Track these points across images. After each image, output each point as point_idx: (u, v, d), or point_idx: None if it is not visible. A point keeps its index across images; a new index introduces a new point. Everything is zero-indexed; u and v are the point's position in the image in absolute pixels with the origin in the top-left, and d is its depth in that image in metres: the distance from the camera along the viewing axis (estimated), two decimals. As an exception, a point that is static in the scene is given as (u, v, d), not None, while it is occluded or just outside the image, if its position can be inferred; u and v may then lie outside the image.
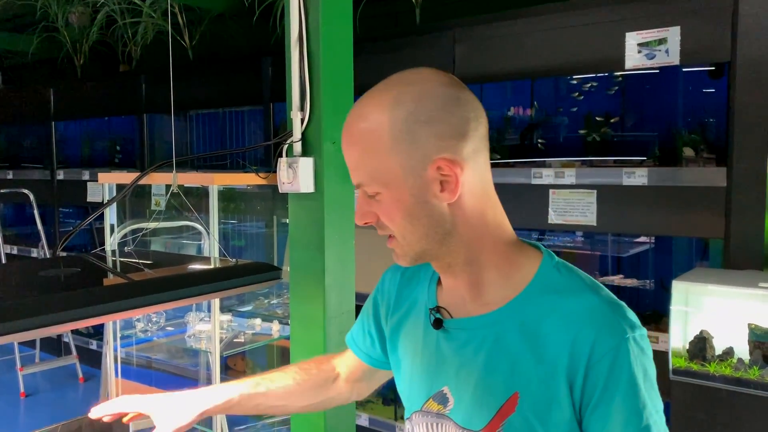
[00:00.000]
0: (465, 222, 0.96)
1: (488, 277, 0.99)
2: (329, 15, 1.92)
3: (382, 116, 0.92)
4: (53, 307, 1.11)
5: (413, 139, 0.91)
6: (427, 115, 0.91)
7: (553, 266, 0.98)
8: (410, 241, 0.96)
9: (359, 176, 0.96)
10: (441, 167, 0.92)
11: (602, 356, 0.88)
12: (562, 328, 0.91)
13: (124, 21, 4.78)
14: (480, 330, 0.98)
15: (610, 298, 0.94)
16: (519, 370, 0.93)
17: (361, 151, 0.94)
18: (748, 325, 2.00)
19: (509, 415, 0.93)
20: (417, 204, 0.93)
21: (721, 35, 2.46)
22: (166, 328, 3.16)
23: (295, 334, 2.05)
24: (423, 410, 1.05)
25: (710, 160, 2.72)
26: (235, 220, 3.93)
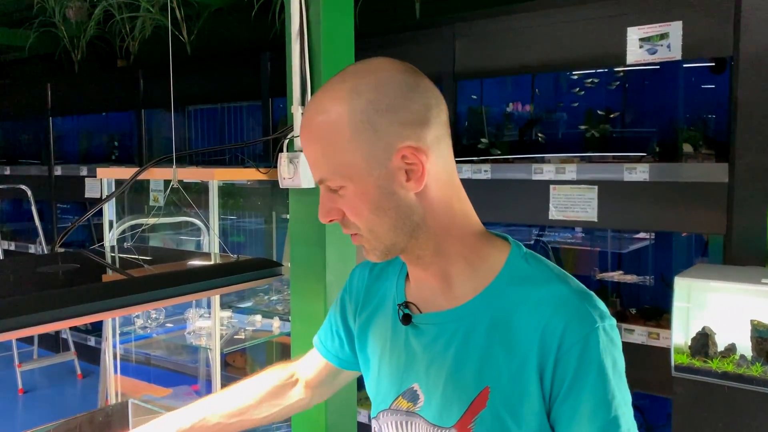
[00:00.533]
0: (432, 211, 0.94)
1: (456, 269, 0.97)
2: (330, 9, 1.91)
3: (340, 108, 0.90)
4: (52, 304, 1.10)
5: (375, 129, 0.89)
6: (386, 103, 0.90)
7: (521, 257, 0.96)
8: (378, 234, 0.93)
9: (321, 171, 0.92)
10: (406, 155, 0.90)
11: (572, 346, 0.87)
12: (532, 318, 0.89)
13: (121, 16, 4.75)
14: (449, 324, 0.96)
15: (580, 288, 0.92)
16: (489, 363, 0.92)
17: (322, 144, 0.91)
18: (750, 321, 2.00)
19: (480, 411, 0.92)
20: (383, 195, 0.91)
21: (724, 30, 2.45)
22: (166, 324, 3.15)
23: (296, 331, 2.04)
24: (392, 408, 1.03)
25: (710, 155, 2.72)
26: (233, 215, 3.92)
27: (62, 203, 5.76)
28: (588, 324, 0.88)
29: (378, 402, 1.07)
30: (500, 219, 3.25)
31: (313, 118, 0.92)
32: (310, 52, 1.88)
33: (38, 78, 5.75)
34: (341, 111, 0.89)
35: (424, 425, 0.98)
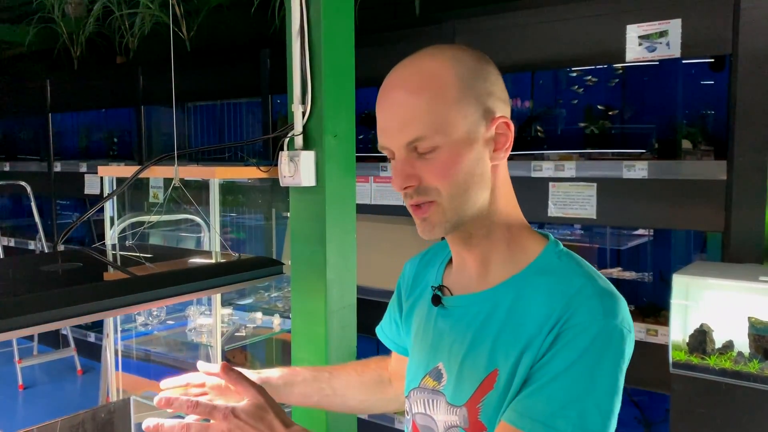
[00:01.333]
0: (497, 191, 0.97)
1: (496, 255, 0.99)
2: (330, 7, 1.91)
3: (447, 68, 0.92)
4: (55, 304, 1.10)
5: (477, 94, 0.92)
6: (485, 75, 0.94)
7: (555, 252, 0.98)
8: (459, 202, 0.94)
9: (417, 130, 0.91)
10: (500, 125, 0.94)
11: (571, 327, 0.87)
12: (545, 306, 0.90)
13: (121, 12, 4.75)
14: (473, 306, 0.99)
15: (604, 287, 0.91)
16: (500, 347, 0.93)
17: (428, 102, 0.91)
18: (748, 318, 2.01)
19: (488, 392, 0.93)
20: (475, 160, 0.93)
21: (723, 28, 2.45)
22: (167, 321, 3.16)
23: (297, 328, 2.05)
24: (420, 387, 1.05)
25: (709, 152, 2.72)
26: (233, 213, 3.92)
27: (62, 199, 5.76)
28: (593, 316, 0.87)
29: (410, 380, 1.09)
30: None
31: (416, 77, 0.92)
32: (310, 50, 1.88)
33: (37, 74, 5.74)
34: (448, 72, 0.92)
35: (444, 404, 1.00)
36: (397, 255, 3.35)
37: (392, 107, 0.93)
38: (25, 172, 5.61)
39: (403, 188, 0.94)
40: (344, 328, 2.01)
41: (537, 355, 0.88)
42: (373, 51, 3.39)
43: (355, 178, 2.06)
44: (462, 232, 0.98)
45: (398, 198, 3.47)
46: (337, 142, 1.95)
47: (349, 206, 2.02)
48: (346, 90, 2.00)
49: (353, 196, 2.05)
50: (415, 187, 0.94)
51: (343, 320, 2.01)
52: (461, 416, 0.96)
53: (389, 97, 0.94)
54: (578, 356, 0.85)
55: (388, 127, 0.94)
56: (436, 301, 1.04)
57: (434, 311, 1.05)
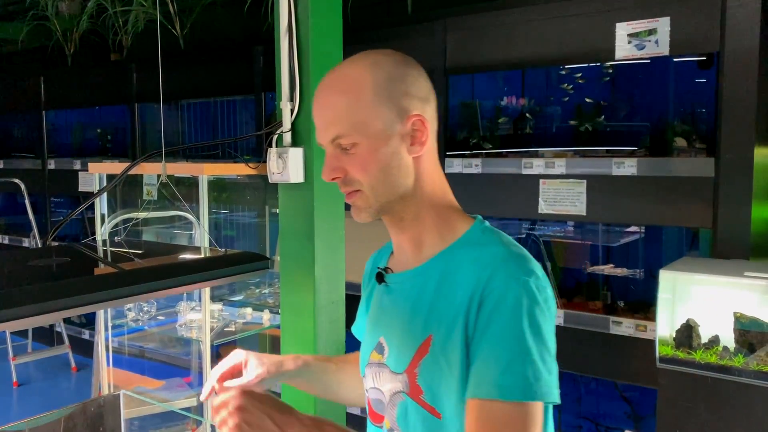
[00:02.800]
0: (422, 179, 1.08)
1: (428, 235, 1.09)
2: (318, 5, 1.92)
3: (365, 74, 1.04)
4: (45, 297, 1.12)
5: (392, 96, 1.04)
6: (401, 77, 1.05)
7: (480, 229, 1.09)
8: (379, 192, 1.05)
9: (339, 127, 1.03)
10: (415, 122, 1.05)
11: (492, 291, 0.97)
12: (470, 273, 1.01)
13: (114, 9, 4.75)
14: (409, 281, 1.10)
15: (518, 252, 1.03)
16: (434, 314, 1.03)
17: (348, 101, 1.03)
18: (733, 313, 2.03)
19: (424, 356, 1.03)
20: (391, 155, 1.04)
21: (710, 26, 2.47)
22: (158, 317, 3.17)
23: (286, 323, 2.06)
24: (369, 363, 1.15)
25: (700, 150, 2.74)
26: (226, 209, 3.93)
27: (56, 197, 5.75)
28: (511, 276, 0.97)
29: (362, 359, 1.19)
30: (491, 213, 3.27)
31: (338, 81, 1.05)
32: (298, 48, 1.90)
33: (31, 71, 5.73)
34: (365, 77, 1.04)
35: (388, 374, 1.10)
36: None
37: (319, 108, 1.06)
38: (19, 169, 5.61)
39: (330, 179, 1.06)
40: (333, 322, 2.03)
41: (469, 321, 0.98)
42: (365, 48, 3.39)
43: (344, 175, 2.08)
44: (392, 216, 1.10)
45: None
46: (326, 138, 1.96)
47: (337, 202, 2.03)
48: (336, 87, 2.01)
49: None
50: (341, 178, 1.06)
51: (331, 315, 2.02)
52: (403, 382, 1.06)
53: (317, 99, 1.07)
54: (508, 316, 0.95)
55: (318, 126, 1.07)
56: (379, 279, 1.16)
57: (380, 289, 1.17)
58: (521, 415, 0.92)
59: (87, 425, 1.69)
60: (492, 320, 0.96)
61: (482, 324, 0.96)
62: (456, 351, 0.99)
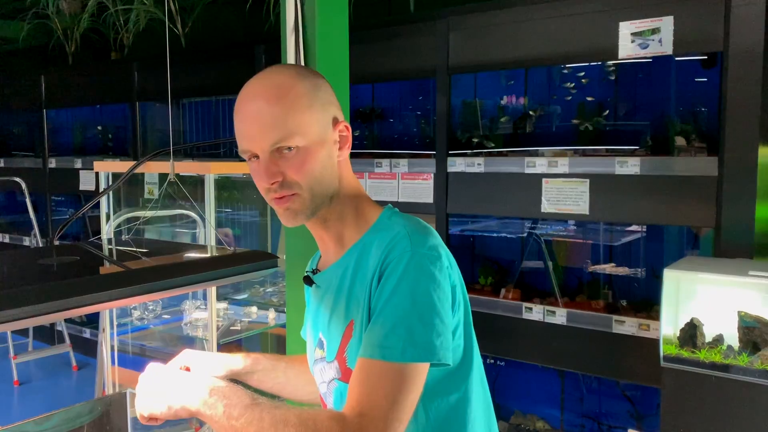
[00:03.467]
0: (343, 180, 1.15)
1: (348, 231, 1.16)
2: (325, 3, 1.92)
3: (295, 82, 1.09)
4: (52, 296, 1.12)
5: (321, 103, 1.11)
6: (322, 86, 1.13)
7: (388, 216, 1.15)
8: (315, 193, 1.10)
9: (280, 132, 1.06)
10: (342, 129, 1.13)
11: (387, 265, 1.04)
12: (375, 254, 1.08)
13: (115, 8, 4.74)
14: (332, 274, 1.17)
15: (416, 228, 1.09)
16: (352, 299, 1.10)
17: (285, 108, 1.06)
18: (737, 312, 2.03)
19: (349, 341, 1.09)
20: (326, 159, 1.11)
21: (714, 25, 2.48)
22: (163, 316, 3.17)
23: (291, 322, 2.06)
24: (315, 359, 1.22)
25: (702, 149, 2.75)
26: (228, 208, 3.93)
27: (56, 195, 5.75)
28: (402, 249, 1.04)
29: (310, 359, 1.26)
30: (493, 212, 3.28)
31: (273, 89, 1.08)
32: (305, 46, 1.90)
33: (32, 70, 5.73)
34: (296, 84, 1.09)
35: (327, 366, 1.17)
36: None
37: (253, 116, 1.08)
38: (20, 168, 5.60)
39: (270, 184, 1.09)
40: (338, 322, 2.03)
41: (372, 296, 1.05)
42: (367, 47, 3.40)
43: (349, 174, 2.08)
44: (319, 218, 1.15)
45: (393, 194, 3.49)
46: (331, 137, 1.97)
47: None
48: (341, 86, 2.01)
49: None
50: (279, 182, 1.08)
51: (337, 314, 2.02)
52: (335, 368, 1.13)
53: (249, 108, 1.09)
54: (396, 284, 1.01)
55: (251, 133, 1.08)
56: (308, 282, 1.23)
57: (312, 292, 1.24)
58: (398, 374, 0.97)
59: (93, 424, 1.69)
60: (383, 290, 1.02)
61: (377, 295, 1.03)
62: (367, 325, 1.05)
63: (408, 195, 3.32)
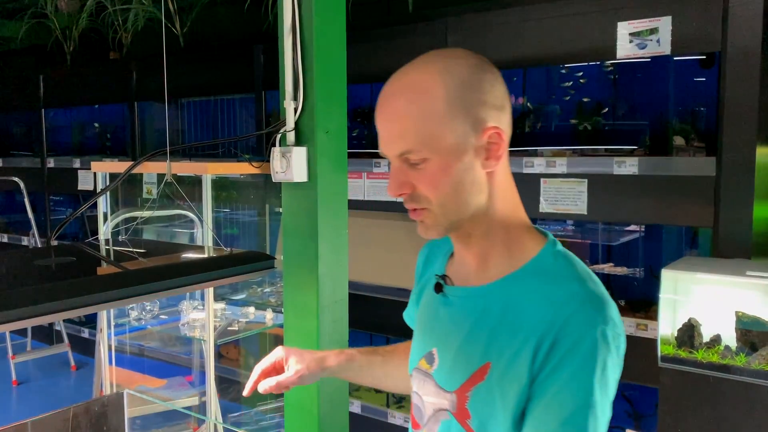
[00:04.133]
0: (495, 195, 1.01)
1: (495, 252, 1.03)
2: (322, 3, 1.92)
3: (436, 82, 0.95)
4: (49, 297, 1.12)
5: (465, 107, 0.95)
6: (476, 84, 0.96)
7: (552, 253, 1.01)
8: (449, 210, 0.98)
9: (407, 143, 0.96)
10: (491, 135, 0.97)
11: (567, 335, 0.91)
12: (541, 309, 0.94)
13: (114, 7, 4.74)
14: (472, 299, 1.03)
15: (596, 291, 0.96)
16: (495, 342, 0.97)
17: (415, 117, 0.95)
18: (735, 312, 2.03)
19: (479, 383, 0.98)
20: (464, 171, 0.97)
21: (712, 25, 2.48)
22: (160, 316, 3.17)
23: (289, 323, 2.06)
24: (418, 367, 1.11)
25: (700, 149, 2.75)
26: (227, 208, 3.93)
27: (55, 195, 5.75)
28: (589, 322, 0.91)
29: (411, 360, 1.15)
30: (492, 212, 3.27)
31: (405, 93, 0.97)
32: (302, 46, 1.90)
33: (30, 70, 5.72)
34: (437, 87, 0.95)
35: (433, 386, 1.06)
36: (390, 251, 3.37)
37: (385, 120, 0.98)
38: (18, 167, 5.60)
39: (396, 195, 0.99)
40: (336, 322, 2.03)
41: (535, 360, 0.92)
42: (366, 47, 3.40)
43: (347, 174, 2.08)
44: (460, 232, 1.03)
45: (391, 194, 3.49)
46: (328, 138, 1.97)
47: (340, 201, 2.03)
48: (338, 86, 2.01)
49: (345, 191, 2.06)
50: (408, 194, 0.98)
51: (335, 314, 2.03)
52: (451, 401, 1.02)
53: (383, 109, 0.99)
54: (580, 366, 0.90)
55: (383, 137, 0.99)
56: (438, 289, 1.09)
57: (436, 298, 1.10)
58: None
59: (91, 424, 1.69)
60: (562, 365, 0.91)
61: (551, 365, 0.91)
62: (514, 385, 0.94)
63: (406, 195, 3.31)
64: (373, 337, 3.68)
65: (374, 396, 3.50)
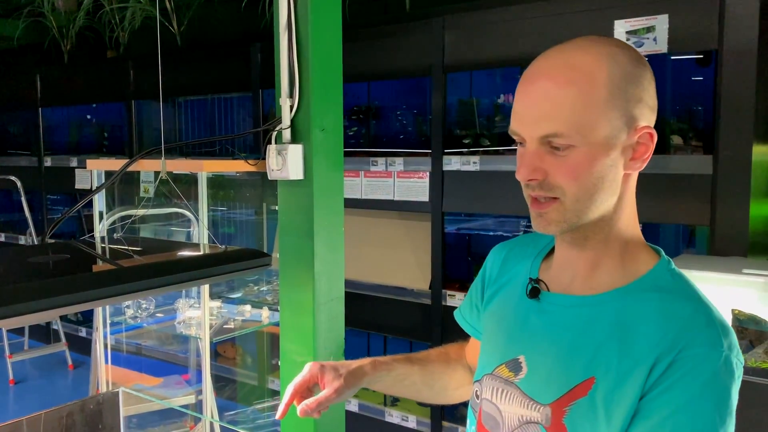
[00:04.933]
0: (623, 199, 0.95)
1: (609, 261, 0.97)
2: (318, 1, 1.92)
3: (601, 67, 0.88)
4: (43, 294, 1.11)
5: (626, 99, 0.89)
6: (638, 79, 0.90)
7: (668, 270, 0.96)
8: (583, 205, 0.91)
9: (558, 125, 0.88)
10: (643, 135, 0.91)
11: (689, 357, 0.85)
12: (660, 328, 0.88)
13: (111, 6, 4.73)
14: (575, 309, 0.97)
15: (719, 315, 0.90)
16: (601, 356, 0.91)
17: (575, 96, 0.87)
18: (732, 311, 2.03)
19: (580, 398, 0.92)
20: (609, 166, 0.90)
21: (709, 24, 2.48)
22: (156, 314, 3.17)
23: (285, 321, 2.06)
24: (493, 374, 1.04)
25: (697, 147, 2.75)
26: (224, 206, 3.93)
27: (52, 194, 5.74)
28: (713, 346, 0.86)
29: (483, 365, 1.08)
30: (489, 210, 3.27)
31: (566, 71, 0.89)
32: (298, 44, 1.89)
33: (27, 68, 5.72)
34: (601, 70, 0.88)
35: (520, 396, 0.99)
36: (388, 249, 3.37)
37: (534, 96, 0.90)
38: (15, 166, 5.59)
39: (527, 180, 0.92)
40: (332, 320, 2.03)
41: (648, 378, 0.87)
42: (362, 45, 3.40)
43: (343, 172, 2.07)
44: (577, 234, 0.97)
45: (388, 193, 3.49)
46: (324, 135, 1.96)
47: (336, 199, 2.03)
48: (334, 84, 2.01)
49: (341, 189, 2.06)
50: (539, 181, 0.91)
51: (331, 312, 2.02)
52: (544, 414, 0.95)
53: (533, 85, 0.91)
54: (700, 390, 0.84)
55: (525, 115, 0.91)
56: (533, 294, 1.02)
57: (527, 303, 1.03)
58: None
59: (86, 422, 1.69)
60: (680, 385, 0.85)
61: (665, 385, 0.85)
62: (622, 404, 0.88)
63: (403, 193, 3.32)
64: (370, 336, 3.68)
65: (371, 394, 3.49)
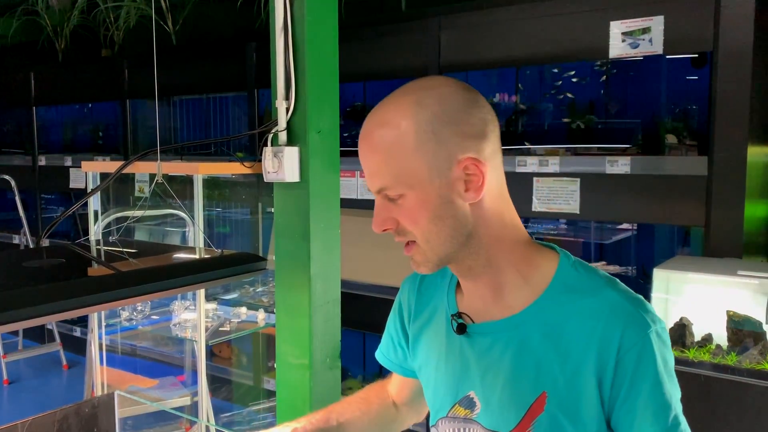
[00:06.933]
0: (485, 223, 0.97)
1: (508, 278, 0.99)
2: (314, 2, 1.91)
3: (406, 119, 0.93)
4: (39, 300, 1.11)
5: (438, 140, 0.92)
6: (449, 115, 0.93)
7: (571, 265, 0.99)
8: (434, 244, 0.96)
9: (382, 180, 0.95)
10: (467, 166, 0.93)
11: (629, 349, 0.90)
12: (586, 326, 0.92)
13: (105, 5, 4.71)
14: (503, 333, 0.99)
15: (630, 293, 0.95)
16: (544, 370, 0.94)
17: (386, 154, 0.93)
18: (726, 312, 2.04)
19: (538, 415, 0.94)
20: (442, 204, 0.94)
21: (704, 25, 2.48)
22: (152, 316, 3.16)
23: (281, 323, 2.05)
24: (449, 416, 1.05)
25: (693, 148, 2.76)
26: (219, 207, 3.92)
27: (46, 193, 5.72)
28: (643, 328, 0.91)
29: (436, 410, 1.10)
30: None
31: (377, 129, 0.95)
32: (294, 46, 1.89)
33: (21, 67, 5.69)
34: (407, 122, 0.93)
35: (482, 431, 1.01)
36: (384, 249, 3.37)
37: (361, 157, 0.97)
38: (9, 165, 5.56)
39: (381, 231, 0.98)
40: (328, 322, 2.03)
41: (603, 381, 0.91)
42: (358, 46, 3.39)
43: (339, 174, 2.07)
44: (459, 266, 1.00)
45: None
46: (320, 137, 1.96)
47: (333, 201, 2.02)
48: (330, 86, 2.00)
49: (337, 191, 2.05)
50: (394, 228, 0.97)
51: (327, 314, 2.02)
52: None
53: (360, 147, 0.98)
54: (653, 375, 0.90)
55: (365, 173, 0.98)
56: (461, 331, 1.03)
57: (457, 339, 1.04)
58: None
59: (81, 426, 1.69)
60: (637, 382, 0.90)
61: (626, 386, 0.91)
62: (586, 409, 0.93)
63: (399, 194, 3.31)
64: (366, 338, 3.68)
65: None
